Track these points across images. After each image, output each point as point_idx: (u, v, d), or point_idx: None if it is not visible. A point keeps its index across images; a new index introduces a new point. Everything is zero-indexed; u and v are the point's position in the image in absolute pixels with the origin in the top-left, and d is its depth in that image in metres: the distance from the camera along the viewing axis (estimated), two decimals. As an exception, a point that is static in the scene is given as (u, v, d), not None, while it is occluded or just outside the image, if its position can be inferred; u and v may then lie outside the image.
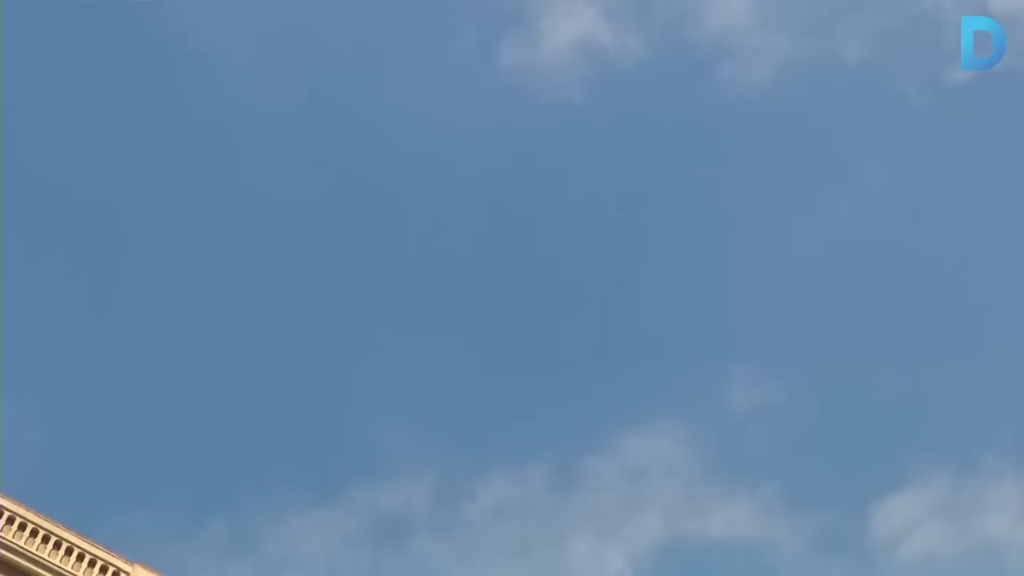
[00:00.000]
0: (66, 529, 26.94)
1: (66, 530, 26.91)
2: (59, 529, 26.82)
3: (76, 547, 26.66)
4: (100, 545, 27.19)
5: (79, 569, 26.38)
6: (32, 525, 26.48)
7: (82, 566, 26.52)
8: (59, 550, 26.43)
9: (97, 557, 26.82)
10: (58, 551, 26.40)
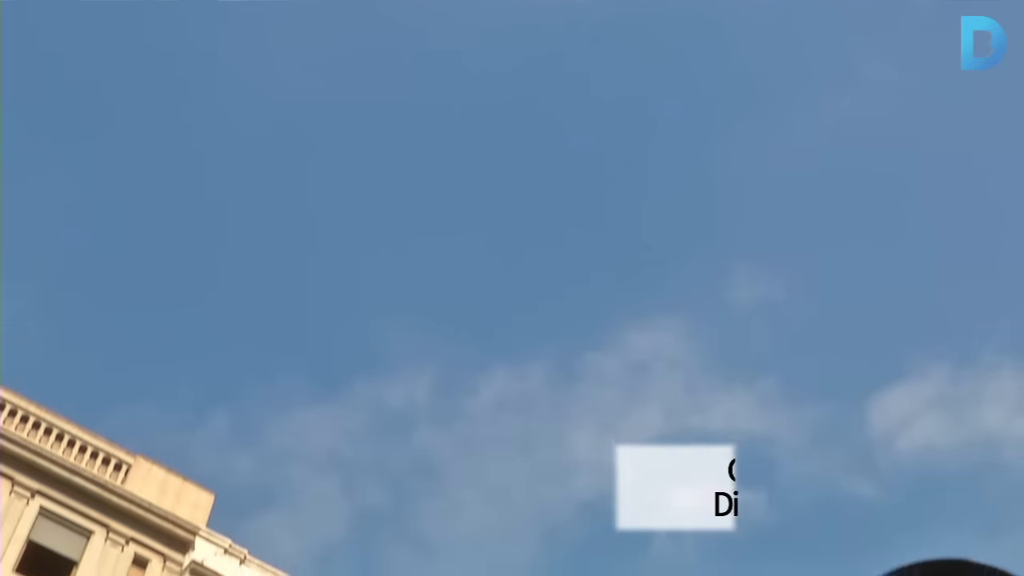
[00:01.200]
0: (68, 421, 27.15)
1: (68, 422, 27.12)
2: (61, 421, 27.04)
3: (78, 439, 26.88)
4: (102, 437, 27.42)
5: (81, 461, 26.63)
6: (34, 417, 26.69)
7: (84, 458, 26.76)
8: (61, 442, 26.66)
9: (99, 449, 27.06)
10: (60, 443, 26.64)
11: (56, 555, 25.40)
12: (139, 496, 26.55)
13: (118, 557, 25.81)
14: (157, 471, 27.59)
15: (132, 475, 27.10)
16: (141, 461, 27.51)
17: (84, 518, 25.89)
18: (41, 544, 25.34)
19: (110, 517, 26.08)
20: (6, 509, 24.91)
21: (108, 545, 25.84)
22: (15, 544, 24.75)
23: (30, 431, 26.45)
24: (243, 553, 27.18)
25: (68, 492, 25.90)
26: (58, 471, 25.87)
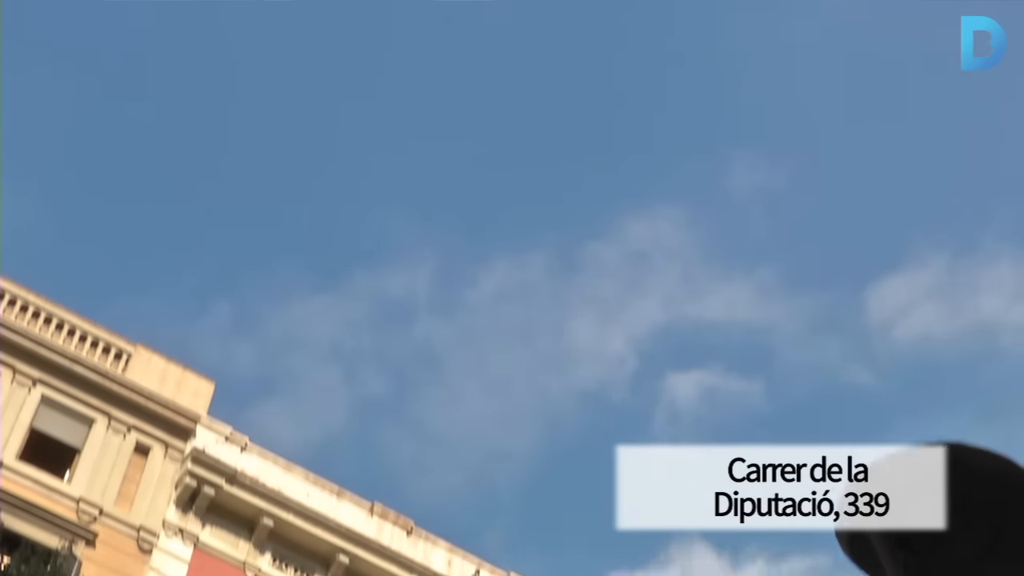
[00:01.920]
0: (68, 311, 27.18)
1: (68, 311, 27.15)
2: (61, 311, 27.07)
3: (78, 328, 26.95)
4: (102, 326, 27.50)
5: (82, 350, 26.73)
6: (33, 307, 26.74)
7: (84, 347, 26.86)
8: (61, 331, 26.74)
9: (100, 338, 27.15)
10: (60, 332, 26.72)
11: (58, 443, 25.59)
12: (140, 385, 26.69)
13: (120, 445, 26.03)
14: (157, 360, 27.70)
15: (132, 364, 27.21)
16: (141, 350, 27.60)
17: (85, 406, 26.05)
18: (43, 432, 25.52)
19: (111, 405, 26.24)
20: (8, 398, 25.05)
21: (110, 433, 26.04)
22: (18, 432, 24.93)
23: (30, 320, 26.49)
24: (244, 440, 27.39)
25: (69, 381, 26.03)
26: (59, 360, 25.97)
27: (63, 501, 24.48)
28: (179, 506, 25.97)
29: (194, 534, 25.83)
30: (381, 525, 28.21)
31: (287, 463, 27.83)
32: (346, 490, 28.28)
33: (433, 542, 28.78)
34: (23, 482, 24.21)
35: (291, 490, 27.19)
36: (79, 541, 23.78)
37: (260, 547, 26.52)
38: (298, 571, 26.79)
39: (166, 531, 25.53)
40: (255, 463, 27.22)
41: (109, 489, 25.26)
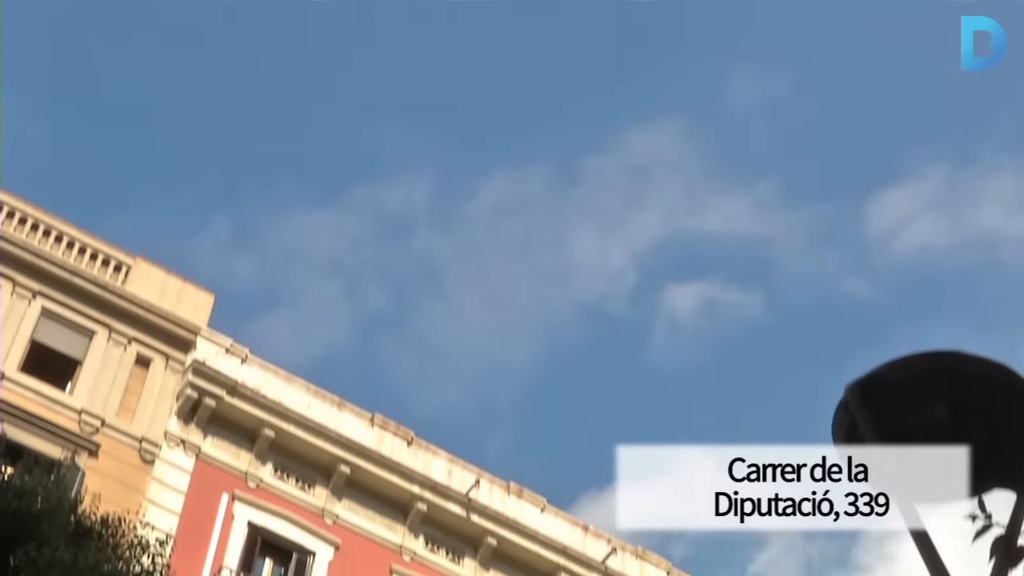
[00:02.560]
0: (67, 223, 27.12)
1: (67, 224, 27.09)
2: (60, 223, 27.00)
3: (77, 241, 26.90)
4: (102, 239, 27.48)
5: (81, 262, 26.72)
6: (32, 219, 26.68)
7: (83, 259, 26.84)
8: (60, 244, 26.71)
9: (99, 250, 27.12)
10: (59, 244, 26.69)
11: (59, 355, 25.67)
12: (139, 297, 26.72)
13: (121, 357, 26.11)
14: (157, 272, 27.70)
15: (132, 276, 27.21)
16: (141, 262, 27.58)
17: (86, 318, 26.10)
18: (44, 344, 25.59)
19: (111, 317, 26.29)
20: (8, 310, 25.07)
21: (111, 345, 26.11)
22: (19, 344, 25.00)
23: (29, 233, 26.44)
24: (244, 352, 27.47)
25: (69, 293, 26.05)
26: (58, 272, 25.96)
27: (65, 412, 24.61)
28: (180, 417, 26.12)
29: (196, 445, 26.01)
30: (382, 436, 28.39)
31: (288, 375, 27.95)
32: (347, 401, 28.43)
33: (433, 452, 28.99)
34: (25, 394, 24.32)
35: (292, 401, 27.33)
36: (82, 452, 23.93)
37: (261, 458, 26.71)
38: (299, 481, 27.00)
39: (168, 442, 25.70)
40: (256, 375, 27.33)
41: (111, 401, 25.38)
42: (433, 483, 28.03)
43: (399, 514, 27.83)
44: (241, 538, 25.59)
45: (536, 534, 28.81)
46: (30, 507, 13.74)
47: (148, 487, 24.77)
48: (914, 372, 5.36)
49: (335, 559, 26.45)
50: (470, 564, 28.24)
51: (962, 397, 5.37)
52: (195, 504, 25.22)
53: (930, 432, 5.41)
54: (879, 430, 5.39)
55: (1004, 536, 5.43)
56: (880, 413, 5.41)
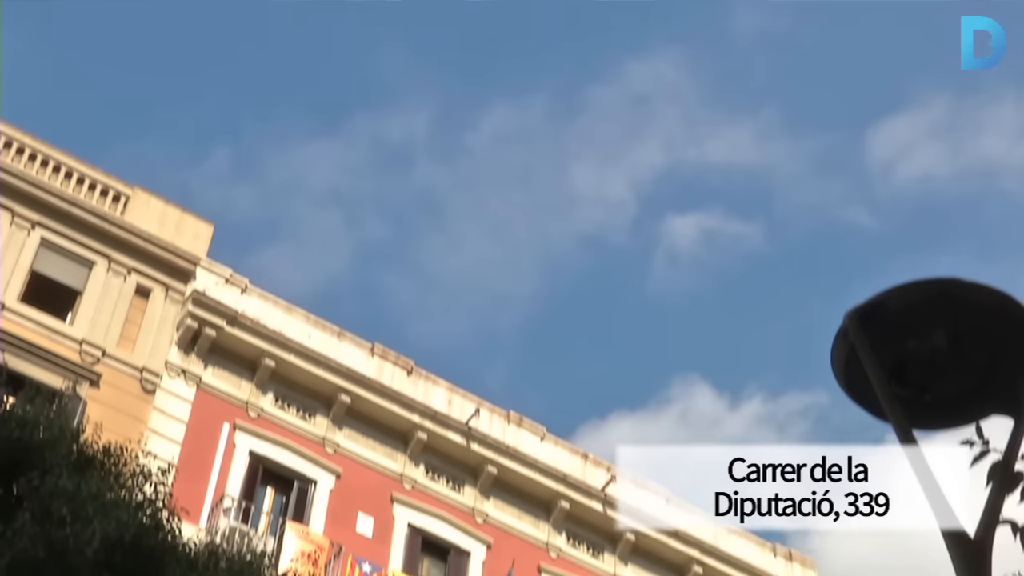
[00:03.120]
0: (66, 154, 27.02)
1: (66, 155, 26.99)
2: (58, 154, 26.90)
3: (76, 171, 26.82)
4: (100, 169, 27.39)
5: (79, 192, 26.67)
6: (30, 149, 26.59)
7: (82, 189, 26.76)
8: (59, 174, 26.64)
9: (97, 181, 27.03)
10: (58, 175, 26.62)
11: (59, 285, 25.69)
12: (138, 227, 26.68)
13: (120, 287, 26.13)
14: (156, 203, 27.65)
15: (131, 207, 27.16)
16: (139, 192, 27.52)
17: (85, 249, 26.09)
18: (44, 274, 25.60)
19: (111, 248, 26.28)
20: (7, 240, 25.05)
21: (110, 275, 26.12)
22: (18, 274, 25.01)
23: (27, 163, 26.36)
24: (244, 282, 27.49)
25: (68, 223, 26.02)
26: (57, 203, 25.92)
27: (66, 343, 24.67)
28: (181, 347, 26.18)
29: (196, 375, 26.09)
30: (381, 365, 28.48)
31: (287, 305, 27.98)
32: (346, 331, 28.49)
33: (433, 382, 29.09)
34: (25, 324, 24.36)
35: (292, 331, 27.39)
36: (83, 382, 24.02)
37: (262, 387, 26.82)
38: (300, 411, 27.13)
39: (169, 372, 25.78)
40: (255, 305, 27.36)
41: (111, 331, 25.43)
42: (433, 412, 28.16)
43: (399, 443, 28.00)
44: (243, 467, 25.75)
45: (536, 462, 29.00)
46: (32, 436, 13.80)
47: (149, 417, 24.89)
48: (913, 299, 5.36)
49: (336, 487, 26.64)
50: (470, 492, 28.45)
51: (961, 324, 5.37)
52: (196, 434, 25.35)
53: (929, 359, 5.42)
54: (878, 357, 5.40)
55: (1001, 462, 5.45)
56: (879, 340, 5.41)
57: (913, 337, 5.41)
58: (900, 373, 5.45)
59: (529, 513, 28.97)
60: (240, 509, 24.93)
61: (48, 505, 12.72)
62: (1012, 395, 5.34)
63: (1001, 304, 5.31)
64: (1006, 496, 5.38)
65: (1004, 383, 5.39)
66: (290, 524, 25.11)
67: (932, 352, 5.40)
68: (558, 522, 29.06)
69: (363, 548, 25.88)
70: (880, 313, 5.40)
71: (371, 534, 26.51)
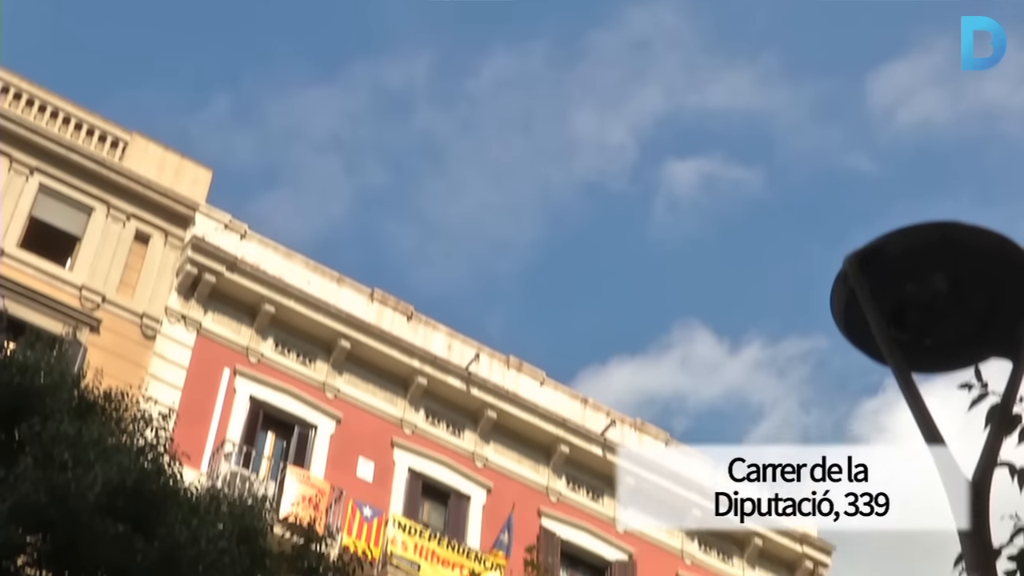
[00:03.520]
0: (64, 100, 26.90)
1: (64, 101, 26.86)
2: (57, 100, 26.77)
3: (74, 117, 26.70)
4: (99, 115, 27.27)
5: (77, 138, 26.58)
6: (27, 95, 26.46)
7: (80, 135, 26.67)
8: (57, 119, 26.52)
9: (95, 126, 26.92)
10: (56, 120, 26.50)
11: (58, 231, 25.66)
12: (137, 173, 26.61)
13: (120, 233, 26.10)
14: (154, 148, 27.56)
15: (129, 152, 27.08)
16: (138, 138, 27.43)
17: (84, 194, 26.03)
18: (43, 220, 25.56)
19: (109, 194, 26.22)
20: (6, 186, 25.00)
21: (109, 221, 26.08)
22: (17, 220, 24.97)
23: (25, 108, 26.26)
24: (243, 228, 27.46)
25: (66, 169, 25.95)
26: (55, 148, 25.83)
27: (65, 289, 24.67)
28: (181, 293, 26.18)
29: (196, 321, 26.12)
30: (381, 311, 28.51)
31: (287, 251, 27.97)
32: (346, 277, 28.50)
33: (433, 327, 29.13)
34: (25, 270, 24.36)
35: (291, 277, 27.39)
36: (83, 328, 24.04)
37: (262, 333, 26.85)
38: (300, 356, 27.17)
39: (169, 318, 25.80)
40: (255, 251, 27.35)
41: (111, 277, 25.42)
42: (433, 357, 28.21)
43: (399, 388, 28.07)
44: (243, 412, 25.83)
45: (535, 407, 29.09)
46: (33, 382, 13.81)
47: (150, 362, 24.94)
48: (913, 243, 5.35)
49: (336, 432, 26.75)
50: (470, 437, 28.56)
51: (961, 268, 5.37)
52: (197, 379, 25.41)
53: (928, 303, 5.42)
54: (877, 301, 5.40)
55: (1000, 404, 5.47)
56: (879, 284, 5.41)
57: (913, 281, 5.40)
58: (899, 317, 5.45)
59: (529, 457, 29.10)
60: (241, 454, 25.04)
61: (50, 450, 12.75)
62: (1011, 338, 5.35)
63: (1001, 248, 5.30)
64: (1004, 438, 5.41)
65: (1003, 326, 5.39)
66: (291, 469, 25.22)
67: (932, 296, 5.40)
68: (558, 466, 29.19)
69: (364, 492, 26.01)
70: (880, 257, 5.39)
71: (371, 479, 26.63)
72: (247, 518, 14.23)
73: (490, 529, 27.35)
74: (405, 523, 25.78)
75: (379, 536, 25.23)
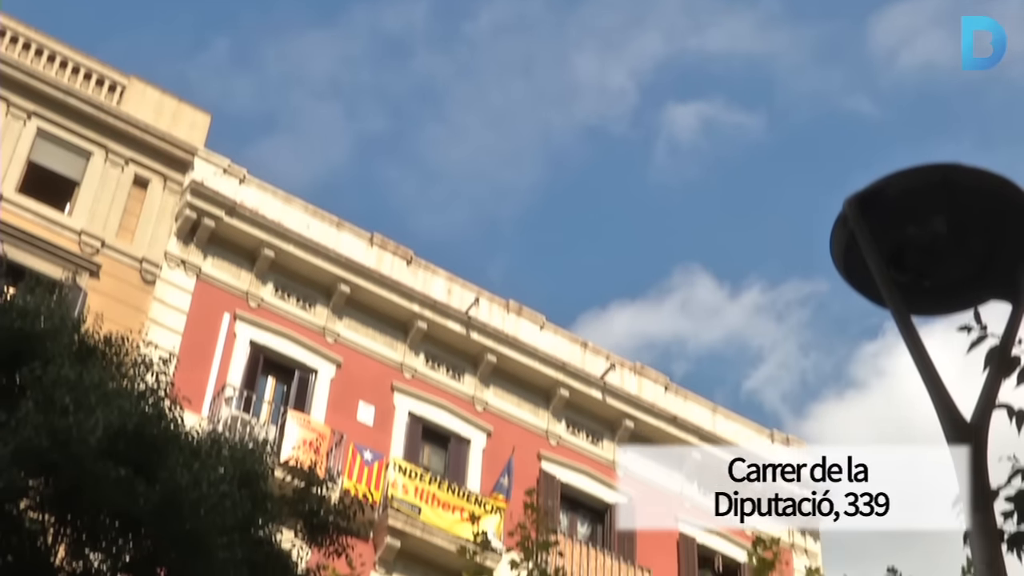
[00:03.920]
0: (62, 43, 26.74)
1: (62, 44, 26.70)
2: (54, 43, 26.61)
3: (71, 60, 26.53)
4: (96, 59, 27.11)
5: (75, 82, 26.44)
6: (24, 38, 26.28)
7: (78, 79, 26.53)
8: (54, 63, 26.35)
9: (92, 70, 26.76)
10: (53, 64, 26.35)
11: (57, 176, 25.58)
12: (135, 117, 26.51)
13: (119, 177, 26.04)
14: (152, 92, 27.44)
15: (127, 97, 26.96)
16: (135, 82, 27.30)
17: (82, 139, 25.94)
18: (41, 165, 25.49)
19: (107, 138, 26.13)
20: (3, 131, 24.90)
21: (108, 166, 26.01)
22: (16, 165, 24.90)
23: (22, 52, 26.12)
24: (242, 173, 27.39)
25: (64, 113, 25.84)
26: (52, 92, 25.71)
27: (65, 233, 24.64)
28: (180, 238, 26.16)
29: (196, 265, 26.11)
30: (381, 255, 28.50)
31: (286, 195, 27.91)
32: (345, 221, 28.46)
33: (433, 271, 29.13)
34: (24, 215, 24.31)
35: (291, 221, 27.36)
36: (83, 273, 24.03)
37: (262, 278, 26.85)
38: (300, 301, 27.19)
39: (168, 263, 25.79)
40: (254, 195, 27.30)
41: (110, 221, 25.39)
42: (433, 301, 28.24)
43: (399, 332, 28.11)
44: (243, 357, 25.88)
45: (535, 351, 29.15)
46: (33, 327, 13.82)
47: (150, 307, 24.95)
48: (913, 185, 5.34)
49: (337, 377, 26.82)
50: (470, 381, 28.64)
51: (960, 210, 5.36)
52: (197, 324, 25.44)
53: (928, 245, 5.41)
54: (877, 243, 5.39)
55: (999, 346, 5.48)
56: (879, 227, 5.40)
57: (913, 223, 5.39)
58: (899, 259, 5.45)
59: (528, 401, 29.20)
60: (242, 398, 25.11)
61: (51, 395, 12.77)
62: (1011, 280, 5.34)
63: (1001, 189, 5.28)
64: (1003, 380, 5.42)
65: (1003, 269, 5.39)
66: (291, 413, 25.31)
67: (931, 238, 5.39)
68: (557, 410, 29.30)
69: (364, 436, 26.12)
70: (880, 199, 5.38)
71: (372, 423, 26.73)
72: (248, 462, 14.28)
73: (490, 473, 27.49)
74: (405, 467, 25.91)
75: (380, 480, 25.36)
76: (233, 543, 12.95)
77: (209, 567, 12.75)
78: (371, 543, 24.57)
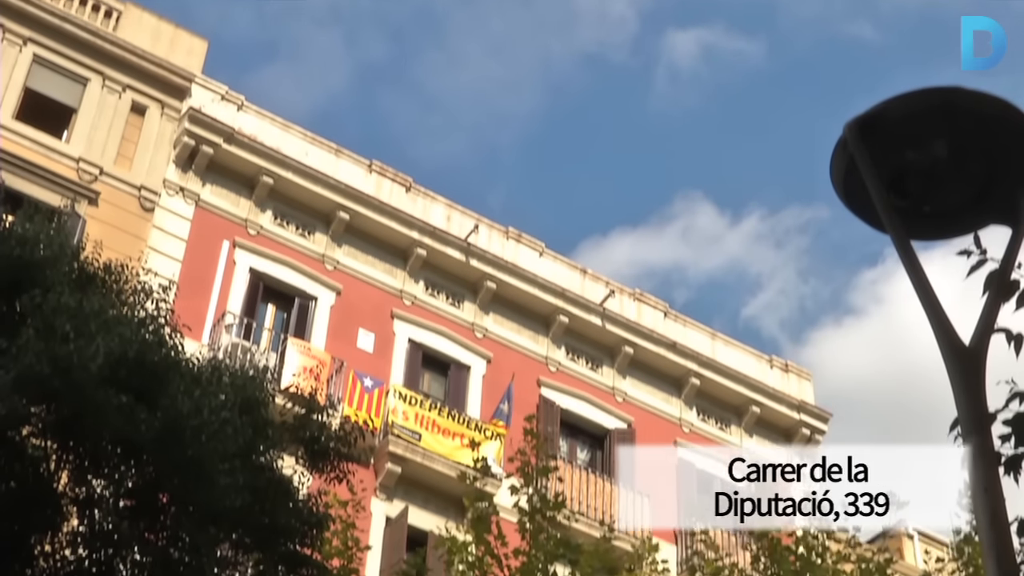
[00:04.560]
0: None
1: None
2: None
3: None
4: (91, -16, 26.88)
5: (71, 8, 26.16)
6: None
7: (73, 4, 26.16)
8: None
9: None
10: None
11: (54, 102, 25.46)
12: (131, 43, 26.32)
13: (116, 104, 25.90)
14: (148, 18, 27.23)
15: (123, 22, 26.75)
16: (131, 8, 27.08)
17: (79, 65, 25.78)
18: (38, 91, 25.35)
19: (104, 64, 25.96)
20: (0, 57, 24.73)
21: (105, 92, 25.87)
22: (12, 91, 24.76)
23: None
24: (240, 99, 27.25)
25: (60, 39, 25.65)
26: (48, 18, 25.51)
27: (63, 161, 24.55)
28: (178, 165, 26.08)
29: (195, 192, 26.05)
30: (380, 182, 28.43)
31: (284, 122, 27.78)
32: (344, 149, 28.35)
33: (432, 198, 29.07)
34: (21, 142, 24.21)
35: (289, 149, 27.26)
36: (81, 200, 23.98)
37: (260, 205, 26.80)
38: (299, 228, 27.16)
39: (167, 190, 25.73)
40: (253, 122, 27.18)
41: (108, 148, 25.29)
42: (432, 228, 28.21)
43: (399, 259, 28.11)
44: (243, 284, 25.89)
45: (535, 277, 29.16)
46: (33, 255, 13.79)
47: (149, 235, 24.92)
48: (914, 109, 5.30)
49: (337, 304, 26.85)
50: (470, 308, 28.68)
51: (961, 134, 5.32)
52: (196, 251, 25.42)
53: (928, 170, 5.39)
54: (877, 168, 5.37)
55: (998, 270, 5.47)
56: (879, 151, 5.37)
57: (913, 148, 5.36)
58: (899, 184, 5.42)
59: (528, 328, 29.26)
60: (242, 326, 25.16)
61: (51, 322, 12.78)
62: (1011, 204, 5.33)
63: (1003, 113, 5.24)
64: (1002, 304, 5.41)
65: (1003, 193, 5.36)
66: (291, 340, 25.36)
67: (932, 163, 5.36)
68: (557, 336, 29.37)
69: (364, 363, 26.20)
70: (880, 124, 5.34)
71: (372, 349, 26.80)
72: (249, 389, 14.32)
73: (490, 399, 27.61)
74: (405, 393, 26.01)
75: (380, 406, 25.47)
76: (234, 469, 13.02)
77: (211, 493, 12.82)
78: (372, 469, 24.72)
